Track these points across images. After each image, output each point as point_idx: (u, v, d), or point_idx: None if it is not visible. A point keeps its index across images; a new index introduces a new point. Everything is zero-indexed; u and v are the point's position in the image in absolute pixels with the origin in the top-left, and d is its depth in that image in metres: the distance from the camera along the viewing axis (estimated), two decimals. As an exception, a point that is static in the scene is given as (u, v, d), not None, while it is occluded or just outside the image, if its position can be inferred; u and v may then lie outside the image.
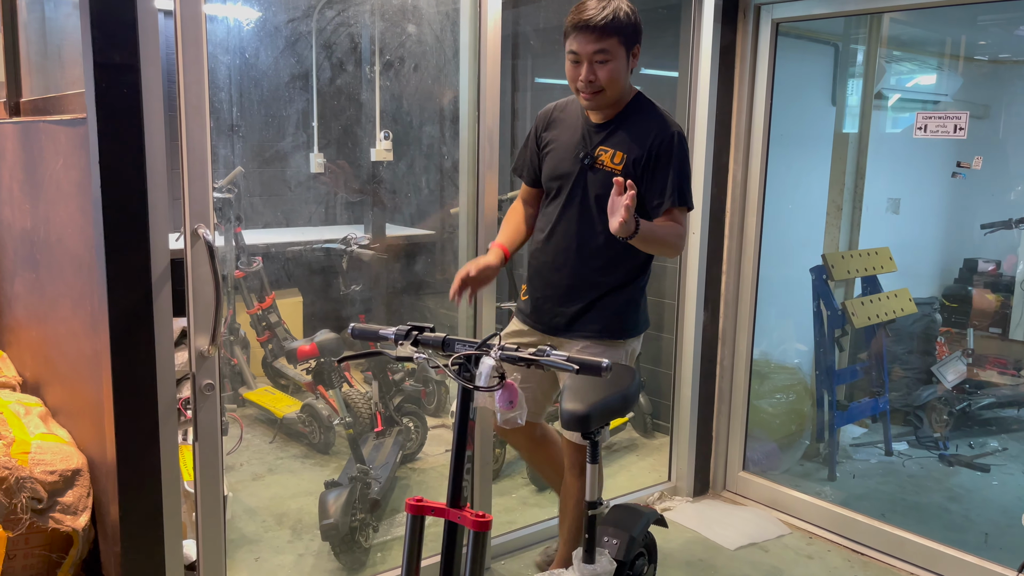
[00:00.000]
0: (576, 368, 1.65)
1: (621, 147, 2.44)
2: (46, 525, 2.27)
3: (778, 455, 3.97)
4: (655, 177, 2.42)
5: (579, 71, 2.35)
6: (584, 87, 2.36)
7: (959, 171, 3.81)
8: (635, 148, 2.42)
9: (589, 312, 2.54)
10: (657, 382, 4.33)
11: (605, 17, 2.28)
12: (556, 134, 2.56)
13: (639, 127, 2.44)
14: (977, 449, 4.15)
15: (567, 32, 2.36)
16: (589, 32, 2.29)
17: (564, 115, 2.58)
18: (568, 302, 2.55)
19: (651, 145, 2.41)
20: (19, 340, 3.06)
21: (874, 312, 3.99)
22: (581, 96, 2.41)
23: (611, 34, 2.30)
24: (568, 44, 2.36)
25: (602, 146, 2.45)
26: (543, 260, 2.59)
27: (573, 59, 2.36)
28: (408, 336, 1.84)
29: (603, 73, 2.33)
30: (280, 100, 4.56)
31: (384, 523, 3.32)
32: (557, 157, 2.53)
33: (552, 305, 2.58)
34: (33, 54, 2.93)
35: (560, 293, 2.56)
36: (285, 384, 4.46)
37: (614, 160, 2.44)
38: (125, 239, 2.05)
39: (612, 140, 2.45)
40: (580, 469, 2.56)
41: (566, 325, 2.57)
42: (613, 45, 2.31)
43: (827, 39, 4.28)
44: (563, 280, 2.55)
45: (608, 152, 2.44)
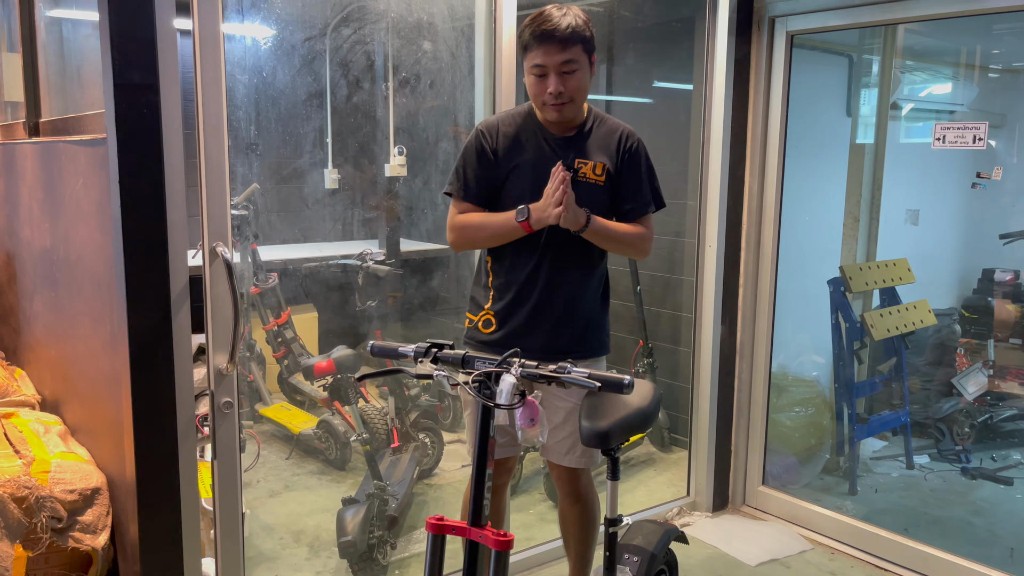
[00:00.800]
0: (598, 385, 1.63)
1: (598, 157, 2.40)
2: (66, 544, 2.27)
3: (798, 469, 3.93)
4: (627, 183, 2.42)
5: (546, 84, 2.27)
6: (553, 99, 2.29)
7: (979, 182, 3.78)
8: (608, 157, 2.41)
9: (589, 330, 2.46)
10: (675, 395, 4.30)
11: (569, 26, 2.22)
12: (513, 151, 2.39)
13: (604, 136, 2.42)
14: (1000, 462, 4.09)
15: (527, 46, 2.27)
16: (554, 43, 2.22)
17: (514, 131, 2.41)
18: (570, 323, 2.42)
19: (621, 152, 2.41)
20: (38, 358, 3.07)
21: (893, 324, 3.95)
22: (549, 109, 2.32)
23: (575, 43, 2.24)
24: (530, 58, 2.27)
25: (579, 159, 2.38)
26: (530, 282, 2.38)
27: (538, 72, 2.28)
28: (427, 353, 1.83)
29: (572, 83, 2.28)
30: (296, 118, 4.59)
31: (402, 540, 3.30)
32: (525, 175, 2.37)
33: (549, 329, 2.40)
34: (52, 75, 2.96)
35: (559, 315, 2.40)
36: (301, 400, 4.46)
37: (596, 171, 2.39)
38: (144, 258, 2.06)
39: (587, 152, 2.39)
40: (575, 496, 2.52)
41: (568, 349, 2.42)
42: (578, 54, 2.26)
43: (842, 50, 4.27)
44: (561, 301, 2.40)
45: (588, 164, 2.38)
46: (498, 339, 2.42)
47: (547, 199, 2.26)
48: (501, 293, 2.43)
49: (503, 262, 2.42)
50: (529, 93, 2.36)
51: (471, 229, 2.40)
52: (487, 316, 2.45)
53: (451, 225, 2.44)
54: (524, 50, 2.30)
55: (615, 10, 4.41)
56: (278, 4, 4.29)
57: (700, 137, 3.55)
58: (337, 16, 4.47)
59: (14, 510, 2.21)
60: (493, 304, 2.44)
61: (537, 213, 2.28)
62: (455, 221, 2.43)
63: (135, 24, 1.98)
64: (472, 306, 2.52)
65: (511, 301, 2.41)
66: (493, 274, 2.45)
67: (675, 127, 4.31)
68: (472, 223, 2.40)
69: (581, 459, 2.47)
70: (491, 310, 2.45)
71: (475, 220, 2.40)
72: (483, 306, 2.47)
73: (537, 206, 2.29)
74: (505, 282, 2.42)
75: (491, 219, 2.38)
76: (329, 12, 4.48)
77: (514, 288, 2.40)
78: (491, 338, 2.43)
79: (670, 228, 4.27)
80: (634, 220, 2.44)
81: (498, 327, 2.43)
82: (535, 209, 2.29)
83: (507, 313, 2.42)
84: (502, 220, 2.35)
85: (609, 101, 4.58)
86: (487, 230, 2.38)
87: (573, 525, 2.56)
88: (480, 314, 2.47)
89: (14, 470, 2.31)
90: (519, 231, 2.32)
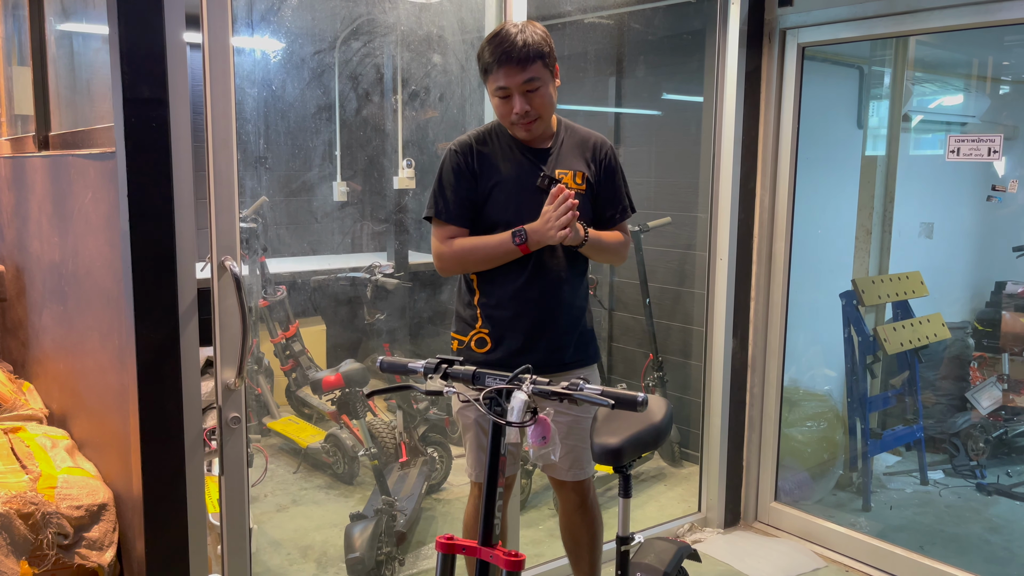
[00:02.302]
0: (612, 403, 1.61)
1: (576, 166, 2.39)
2: (72, 561, 2.25)
3: (810, 485, 3.88)
4: (607, 190, 2.44)
5: (511, 105, 2.25)
6: (520, 119, 2.27)
7: (994, 195, 3.74)
8: (586, 166, 2.41)
9: (582, 339, 2.46)
10: (686, 410, 4.27)
11: (526, 44, 2.19)
12: (492, 168, 2.35)
13: (578, 144, 2.42)
14: (1016, 477, 4.04)
15: (487, 68, 2.24)
16: (514, 64, 2.19)
17: (490, 149, 2.37)
18: (563, 338, 2.40)
19: (598, 160, 2.42)
20: (46, 372, 3.06)
21: (906, 338, 3.91)
22: (518, 128, 2.31)
23: (535, 60, 2.21)
24: (492, 81, 2.25)
25: (559, 169, 2.37)
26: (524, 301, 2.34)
27: (502, 95, 2.25)
28: (437, 369, 1.81)
29: (537, 101, 2.26)
30: (306, 131, 4.59)
31: (410, 556, 3.27)
32: (508, 191, 2.34)
33: (548, 345, 2.38)
34: (62, 88, 2.97)
35: (556, 328, 2.38)
36: (309, 413, 4.44)
37: (576, 180, 2.38)
38: (153, 273, 2.05)
39: (565, 162, 2.38)
40: (585, 507, 2.51)
41: (566, 360, 2.41)
42: (539, 70, 2.23)
43: (853, 62, 4.25)
44: (550, 317, 2.37)
45: (568, 173, 2.37)
46: (497, 358, 2.36)
47: (546, 220, 2.23)
48: (491, 310, 2.38)
49: (490, 279, 2.37)
50: (496, 114, 2.35)
51: (464, 254, 2.34)
52: (479, 335, 2.40)
53: (439, 252, 2.38)
54: (485, 73, 2.27)
55: (625, 23, 4.40)
56: (288, 17, 4.30)
57: (711, 149, 3.53)
58: (347, 29, 4.48)
59: (20, 526, 2.19)
60: (484, 323, 2.39)
61: (536, 235, 2.25)
62: (443, 248, 2.36)
63: (145, 38, 1.98)
64: (459, 325, 2.45)
65: (505, 318, 2.36)
66: (480, 292, 2.39)
67: (686, 139, 4.29)
68: (463, 248, 2.34)
69: (585, 470, 2.48)
70: (483, 328, 2.39)
71: (466, 245, 2.34)
72: (473, 325, 2.41)
73: (536, 227, 2.25)
74: (495, 299, 2.37)
75: (484, 243, 2.33)
76: (339, 25, 4.49)
77: (506, 304, 2.36)
78: (490, 357, 2.37)
79: (681, 240, 4.25)
80: (614, 226, 2.47)
81: (494, 345, 2.38)
82: (533, 231, 2.25)
83: (502, 330, 2.37)
84: (496, 243, 2.30)
85: (619, 114, 4.57)
86: (479, 254, 2.33)
87: (585, 535, 2.55)
88: (471, 333, 2.41)
89: (20, 485, 2.29)
90: (515, 253, 2.28)
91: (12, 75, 3.41)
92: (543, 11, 4.11)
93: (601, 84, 4.51)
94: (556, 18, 4.22)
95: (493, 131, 2.40)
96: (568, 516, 2.56)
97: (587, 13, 4.21)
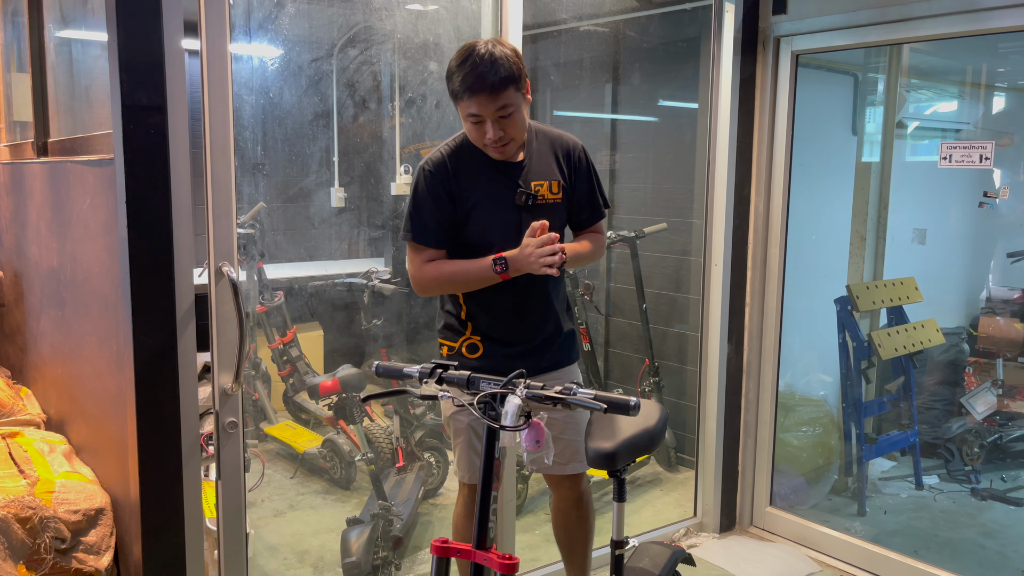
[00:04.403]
0: (605, 407, 1.62)
1: (551, 175, 2.40)
2: (69, 565, 2.26)
3: (806, 490, 3.89)
4: (582, 193, 2.46)
5: (483, 131, 2.22)
6: (494, 143, 2.24)
7: (987, 201, 3.77)
8: (559, 171, 2.42)
9: (566, 342, 2.51)
10: (681, 415, 4.28)
11: (496, 73, 2.14)
12: (470, 187, 2.33)
13: (550, 150, 2.43)
14: (1010, 482, 4.05)
15: (457, 95, 2.20)
16: (486, 93, 2.15)
17: (465, 165, 2.34)
18: (552, 340, 2.45)
19: (572, 163, 2.44)
20: (44, 377, 3.07)
21: (901, 343, 3.93)
22: (491, 150, 2.28)
23: (506, 86, 2.17)
24: (464, 107, 2.21)
25: (535, 181, 2.37)
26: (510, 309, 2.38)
27: (474, 120, 2.22)
28: (433, 374, 1.82)
29: (509, 126, 2.23)
30: (303, 137, 4.61)
31: (406, 561, 3.28)
32: (487, 210, 2.34)
33: (536, 347, 2.42)
34: (61, 95, 2.98)
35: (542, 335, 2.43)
36: (306, 418, 4.45)
37: (552, 190, 2.39)
38: (151, 278, 2.06)
39: (539, 172, 2.38)
40: (579, 501, 2.55)
41: (552, 362, 2.46)
42: (511, 96, 2.19)
43: (847, 69, 4.27)
44: (539, 321, 2.42)
45: (544, 184, 2.37)
46: (488, 364, 2.36)
47: (528, 253, 2.21)
48: (479, 318, 2.40)
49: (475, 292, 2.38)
50: (469, 137, 2.32)
51: (443, 279, 2.35)
52: (470, 341, 2.42)
53: (417, 276, 2.36)
54: (455, 98, 2.22)
55: (621, 30, 4.43)
56: (285, 25, 4.32)
57: (706, 156, 3.56)
58: (344, 37, 4.51)
59: (18, 530, 2.20)
60: (473, 331, 2.41)
61: (517, 264, 2.24)
62: (422, 272, 2.35)
63: (143, 45, 2.00)
64: (447, 333, 2.46)
65: (493, 326, 2.40)
66: (467, 305, 2.41)
67: (681, 146, 4.31)
68: (443, 273, 2.34)
69: (580, 464, 2.51)
70: (474, 335, 2.42)
71: (446, 271, 2.34)
72: (463, 332, 2.42)
73: (515, 256, 2.24)
74: (481, 308, 2.39)
75: (464, 269, 2.32)
76: (336, 33, 4.52)
77: (495, 315, 2.39)
78: (480, 364, 2.37)
79: (677, 246, 4.27)
80: (589, 227, 2.51)
81: (485, 351, 2.40)
82: (514, 260, 2.24)
83: (492, 336, 2.40)
84: (476, 269, 2.30)
85: (615, 120, 4.59)
86: (459, 279, 2.34)
87: (579, 531, 2.57)
88: (460, 339, 2.43)
89: (18, 490, 2.30)
90: (495, 279, 2.28)
91: (11, 81, 3.42)
92: (539, 19, 4.14)
93: (597, 91, 4.54)
94: (552, 26, 4.25)
95: (464, 146, 2.36)
96: (563, 513, 2.60)
97: (583, 21, 4.24)
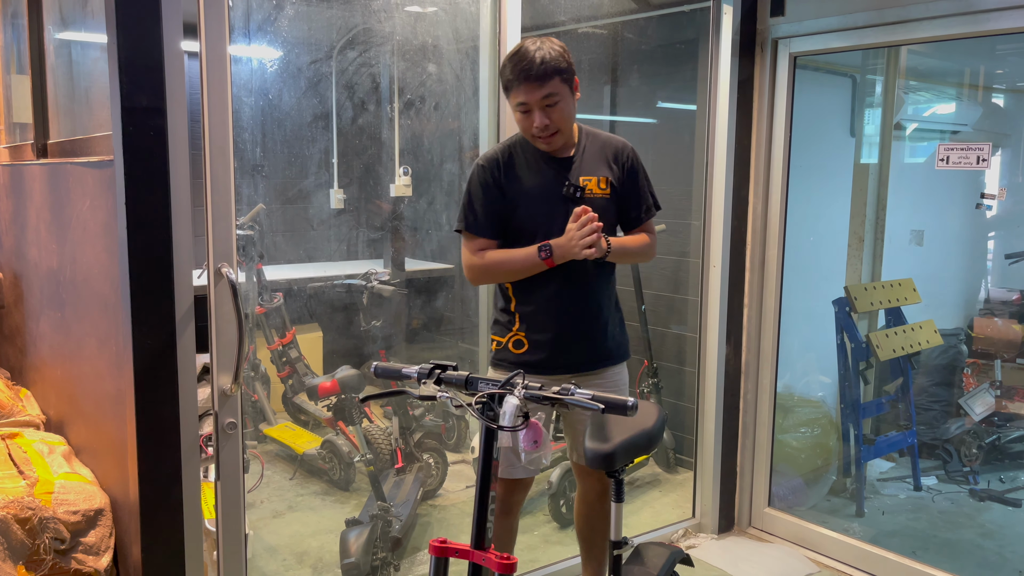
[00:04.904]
0: (602, 407, 1.63)
1: (600, 172, 2.51)
2: (69, 566, 2.27)
3: (804, 490, 3.90)
4: (631, 191, 2.56)
5: (531, 120, 2.37)
6: (540, 132, 2.39)
7: (983, 202, 3.78)
8: (610, 170, 2.52)
9: (613, 339, 2.58)
10: (680, 416, 4.29)
11: (543, 62, 2.31)
12: (517, 180, 2.47)
13: (601, 150, 2.54)
14: (1008, 483, 4.06)
15: (508, 85, 2.38)
16: (532, 81, 2.31)
17: (514, 160, 2.49)
18: (597, 336, 2.53)
19: (620, 163, 2.54)
20: (44, 378, 3.08)
21: (899, 344, 3.94)
22: (539, 141, 2.43)
23: (552, 76, 2.32)
24: (513, 97, 2.38)
25: (583, 176, 2.48)
26: (558, 304, 2.48)
27: (523, 110, 2.38)
28: (431, 375, 1.83)
29: (556, 115, 2.37)
30: (302, 139, 4.62)
31: (405, 562, 3.28)
32: (533, 201, 2.46)
33: (582, 345, 2.51)
34: (61, 97, 2.99)
35: (586, 328, 2.51)
36: (305, 420, 4.46)
37: (600, 186, 2.49)
38: (150, 280, 2.07)
39: (588, 168, 2.50)
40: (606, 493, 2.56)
41: (599, 358, 2.55)
42: (557, 86, 2.34)
43: (845, 71, 4.28)
44: (584, 315, 2.51)
45: (592, 180, 2.49)
46: (533, 360, 2.48)
47: (571, 237, 2.34)
48: (527, 314, 2.50)
49: (524, 286, 2.49)
50: (519, 128, 2.47)
51: (493, 267, 2.47)
52: (517, 336, 2.52)
53: (469, 264, 2.50)
54: (506, 89, 2.39)
55: (619, 32, 4.44)
56: (284, 27, 4.33)
57: (704, 157, 3.56)
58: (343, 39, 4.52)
59: (17, 531, 2.21)
60: (521, 325, 2.51)
61: (561, 250, 2.37)
62: (473, 261, 2.48)
63: (143, 47, 2.00)
64: (497, 328, 2.58)
65: (539, 322, 2.49)
66: (515, 299, 2.52)
67: (679, 147, 4.32)
68: (493, 261, 2.46)
69: None
70: (520, 331, 2.51)
71: (495, 258, 2.46)
72: (511, 328, 2.53)
73: (560, 243, 2.37)
74: (530, 303, 2.49)
75: (512, 257, 2.45)
76: (335, 35, 4.53)
77: (541, 308, 2.48)
78: (526, 359, 2.49)
79: (675, 248, 4.28)
80: (640, 226, 2.59)
81: (531, 347, 2.50)
82: (558, 246, 2.37)
83: (537, 333, 2.50)
84: (523, 256, 2.42)
85: (613, 121, 4.60)
86: (507, 267, 2.46)
87: (600, 521, 2.62)
88: (508, 335, 2.53)
89: (18, 491, 2.30)
90: (541, 266, 2.41)
91: (11, 83, 3.43)
92: (537, 21, 4.14)
93: (596, 93, 4.55)
94: (550, 27, 4.25)
95: (517, 144, 2.51)
96: (588, 504, 2.66)
97: (581, 23, 4.25)
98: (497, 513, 2.48)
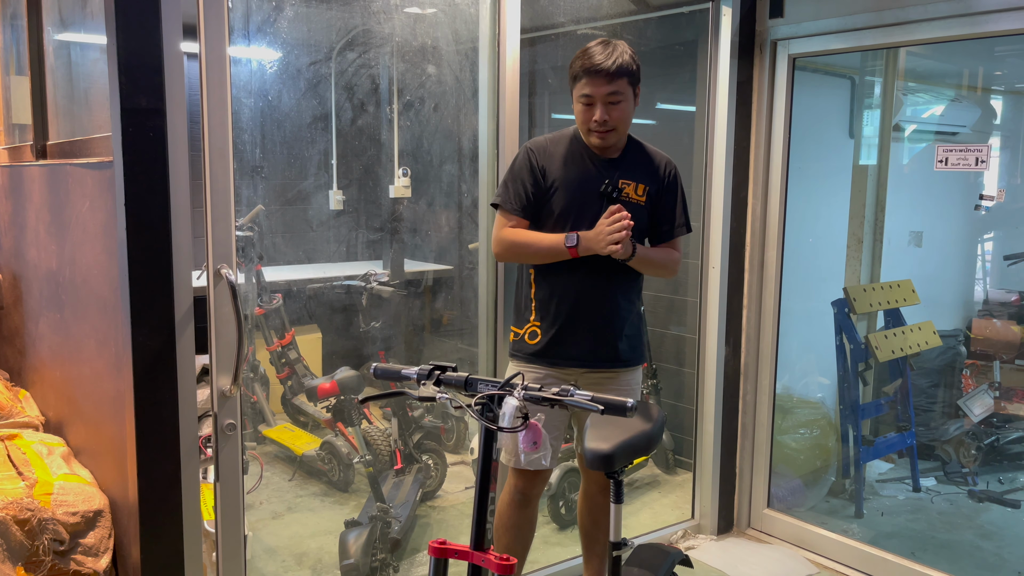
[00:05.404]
0: (601, 408, 1.63)
1: (641, 179, 2.57)
2: (68, 567, 2.26)
3: (803, 492, 3.90)
4: (666, 206, 2.61)
5: (592, 113, 2.45)
6: (598, 127, 2.46)
7: (982, 204, 3.78)
8: (651, 180, 2.58)
9: (628, 340, 2.61)
10: (679, 417, 4.29)
11: (615, 61, 2.40)
12: (559, 169, 2.54)
13: (647, 161, 2.60)
14: (1007, 484, 4.06)
15: (577, 76, 2.45)
16: (601, 76, 2.40)
17: (558, 150, 2.56)
18: (611, 333, 2.56)
19: (662, 177, 2.60)
20: (43, 379, 3.07)
21: (898, 345, 3.94)
22: (593, 135, 2.50)
23: (621, 76, 2.42)
24: (579, 88, 2.46)
25: (623, 179, 2.54)
26: (574, 295, 2.53)
27: (586, 102, 2.46)
28: (431, 376, 1.83)
29: (616, 113, 2.45)
30: (301, 140, 4.62)
31: (404, 563, 3.28)
32: (571, 191, 2.53)
33: (591, 338, 2.56)
34: (60, 98, 2.99)
35: (599, 325, 2.55)
36: (304, 421, 4.45)
37: (638, 192, 2.56)
38: (149, 281, 2.07)
39: (630, 173, 2.56)
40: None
41: (608, 358, 2.58)
42: (623, 86, 2.44)
43: (844, 72, 4.29)
44: (602, 312, 2.55)
45: (631, 184, 2.55)
46: (544, 349, 2.56)
47: (600, 231, 2.40)
48: (544, 305, 2.56)
49: (546, 275, 2.55)
50: (577, 120, 2.53)
51: (519, 246, 2.53)
52: (532, 328, 2.59)
53: (498, 238, 2.57)
54: (573, 80, 2.48)
55: (618, 34, 4.44)
56: (284, 28, 4.33)
57: (703, 159, 3.57)
58: (342, 40, 4.52)
59: (16, 532, 2.21)
60: (536, 316, 2.57)
61: (587, 242, 2.42)
62: (503, 235, 2.55)
63: (143, 48, 2.00)
64: (516, 319, 2.65)
65: (554, 313, 2.55)
66: (536, 286, 2.58)
67: (678, 149, 4.32)
68: (520, 240, 2.52)
69: None
70: (535, 322, 2.57)
71: (523, 237, 2.52)
72: (528, 318, 2.60)
73: (588, 236, 2.42)
74: (548, 295, 2.55)
75: (539, 239, 2.50)
76: (334, 36, 4.53)
77: (557, 300, 2.54)
78: (536, 349, 2.57)
79: (674, 249, 4.27)
80: (667, 240, 2.63)
81: (543, 338, 2.55)
82: (585, 238, 2.42)
83: (552, 324, 2.55)
84: (550, 242, 2.48)
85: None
86: (533, 248, 2.52)
87: (603, 516, 2.64)
88: (525, 327, 2.60)
89: (17, 492, 2.30)
90: (565, 254, 2.46)
91: (10, 84, 3.43)
92: (536, 22, 4.15)
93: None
94: (549, 29, 4.26)
95: (569, 137, 2.59)
96: (592, 498, 2.70)
97: (580, 24, 4.25)
98: (516, 505, 2.60)
